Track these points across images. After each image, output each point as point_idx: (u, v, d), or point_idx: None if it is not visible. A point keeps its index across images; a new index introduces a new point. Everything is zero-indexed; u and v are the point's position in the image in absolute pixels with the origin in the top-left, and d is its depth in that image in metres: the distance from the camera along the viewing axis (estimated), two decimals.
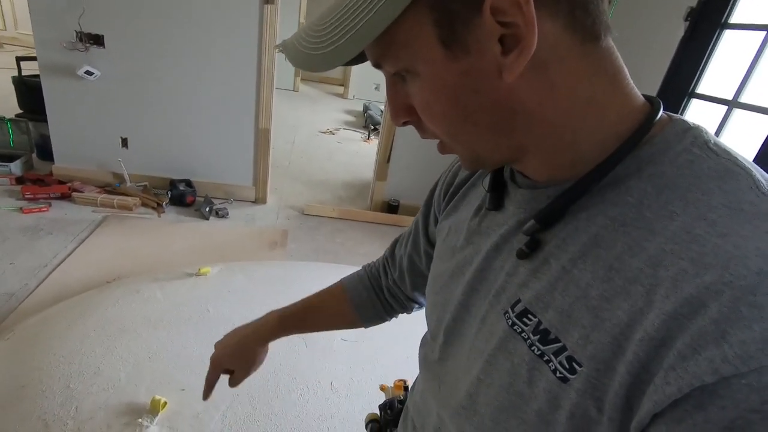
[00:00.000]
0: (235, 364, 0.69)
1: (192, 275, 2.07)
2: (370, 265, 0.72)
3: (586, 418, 0.31)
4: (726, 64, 2.00)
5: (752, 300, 0.25)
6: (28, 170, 2.94)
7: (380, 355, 1.81)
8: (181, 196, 2.87)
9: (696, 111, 2.11)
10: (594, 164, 0.33)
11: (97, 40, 2.59)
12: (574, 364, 0.31)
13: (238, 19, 2.62)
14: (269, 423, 1.44)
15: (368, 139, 5.36)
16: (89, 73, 2.61)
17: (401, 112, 0.38)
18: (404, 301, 0.69)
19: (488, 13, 0.29)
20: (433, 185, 0.58)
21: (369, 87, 7.44)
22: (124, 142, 2.89)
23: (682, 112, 2.14)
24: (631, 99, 0.34)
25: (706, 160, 0.31)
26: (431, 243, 0.60)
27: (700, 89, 2.07)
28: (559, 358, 0.32)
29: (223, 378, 0.72)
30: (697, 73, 2.06)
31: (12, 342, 1.62)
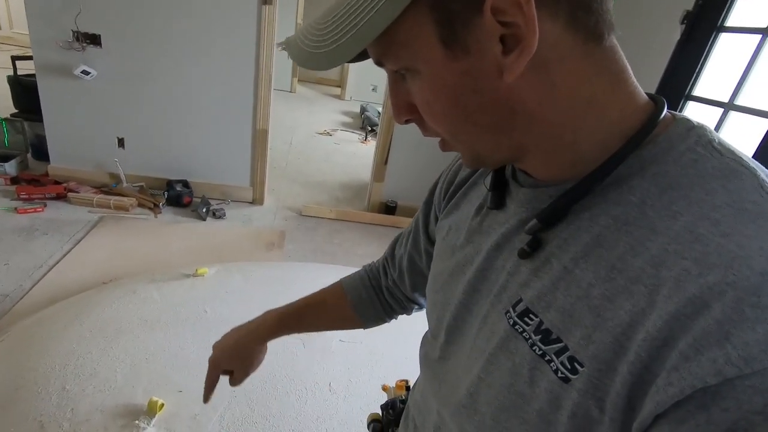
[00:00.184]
0: (233, 365, 0.69)
1: (189, 276, 2.06)
2: (371, 265, 0.72)
3: (588, 418, 0.30)
4: (722, 66, 2.02)
5: (756, 301, 0.24)
6: (23, 170, 2.92)
7: (378, 356, 1.81)
8: (178, 196, 2.85)
9: (692, 113, 2.12)
10: (596, 164, 0.33)
11: (94, 39, 2.58)
12: (576, 364, 0.31)
13: (237, 20, 2.62)
14: (267, 424, 1.43)
15: (365, 140, 5.36)
16: (86, 73, 2.59)
17: (403, 109, 0.38)
18: (404, 301, 0.68)
19: (489, 13, 0.29)
20: (434, 183, 0.57)
21: (366, 88, 7.45)
22: (121, 142, 2.88)
23: None
24: (635, 98, 0.34)
25: (710, 160, 0.31)
26: (431, 241, 0.59)
27: (696, 92, 2.08)
28: (561, 358, 0.32)
29: (223, 379, 0.71)
30: (694, 76, 2.08)
31: (7, 343, 1.60)
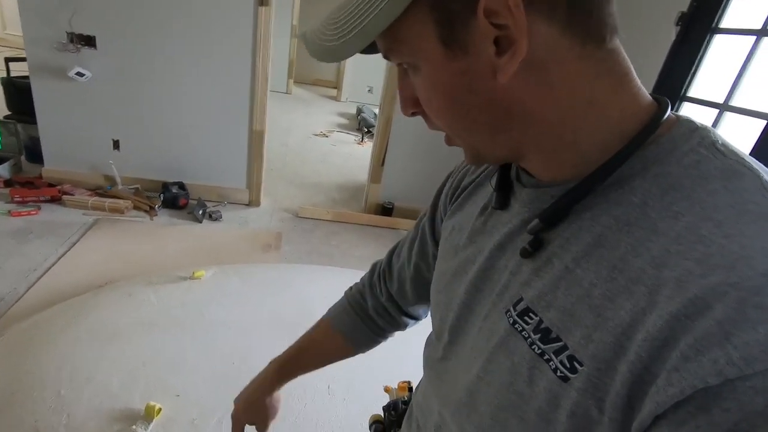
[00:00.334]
0: (251, 419, 0.72)
1: (186, 279, 2.04)
2: (352, 290, 0.72)
3: (587, 418, 0.30)
4: (717, 67, 2.03)
5: (758, 301, 0.24)
6: (17, 173, 2.90)
7: (377, 357, 1.79)
8: (174, 198, 2.84)
9: (688, 114, 2.14)
10: (597, 164, 0.33)
11: (89, 41, 2.56)
12: (575, 364, 0.31)
13: (233, 21, 2.61)
14: None
15: (362, 141, 5.36)
16: (80, 75, 2.57)
17: (409, 103, 0.39)
18: (397, 318, 0.68)
19: (482, 15, 0.29)
20: (440, 186, 0.57)
21: (362, 89, 7.45)
22: (116, 144, 2.86)
23: None
24: (638, 99, 0.34)
25: (712, 161, 0.31)
26: (437, 244, 0.59)
27: (691, 93, 2.10)
28: (560, 357, 0.32)
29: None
30: (689, 77, 2.09)
31: (2, 347, 1.58)
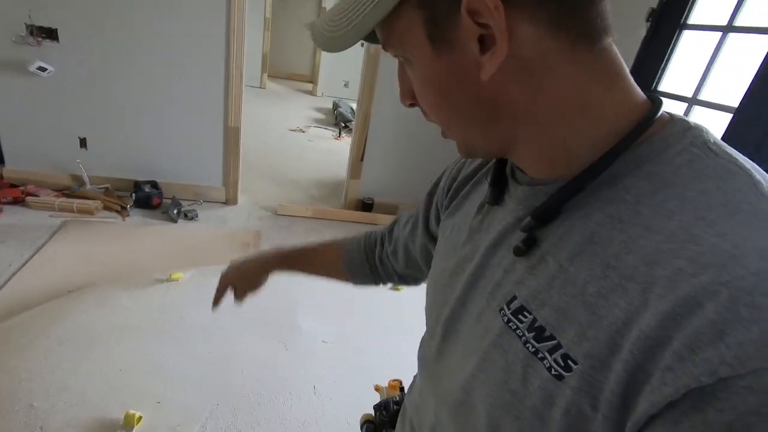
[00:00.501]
0: (237, 282, 0.79)
1: (163, 281, 1.98)
2: (371, 233, 0.76)
3: (581, 416, 0.30)
4: (686, 62, 2.10)
5: (750, 300, 0.24)
6: None
7: (363, 355, 1.79)
8: (147, 198, 2.74)
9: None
10: (589, 162, 0.33)
11: (50, 33, 2.43)
12: (570, 362, 0.31)
13: (205, 11, 2.52)
14: None
15: (339, 136, 5.31)
16: (42, 69, 2.44)
17: (407, 95, 0.41)
18: (393, 275, 0.73)
19: (465, 13, 0.30)
20: (438, 177, 0.59)
21: (338, 84, 7.37)
22: (83, 142, 2.74)
23: None
24: (630, 98, 0.34)
25: (704, 160, 0.31)
26: (429, 235, 0.61)
27: (662, 87, 2.16)
28: (554, 356, 0.32)
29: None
30: (659, 72, 2.15)
31: None
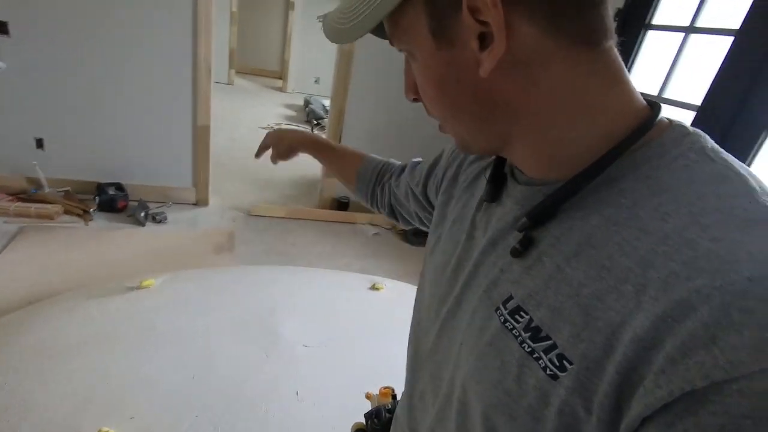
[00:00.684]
0: (275, 143, 0.88)
1: (133, 288, 1.89)
2: (390, 163, 0.81)
3: (575, 417, 0.31)
4: (650, 62, 2.17)
5: (742, 305, 0.25)
6: None
7: (345, 358, 1.77)
8: (111, 201, 2.62)
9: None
10: (586, 164, 0.34)
11: (1, 27, 2.27)
12: (565, 362, 0.31)
13: (170, 4, 2.41)
14: None
15: None
16: None
17: (411, 89, 0.42)
18: (386, 205, 0.79)
19: (466, 10, 0.31)
20: (437, 157, 0.63)
21: (309, 80, 7.28)
22: (39, 143, 2.58)
23: None
24: (629, 102, 0.35)
25: (701, 165, 0.32)
26: (425, 197, 0.65)
27: None
28: (549, 356, 0.32)
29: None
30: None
31: None
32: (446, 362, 0.44)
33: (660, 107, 0.35)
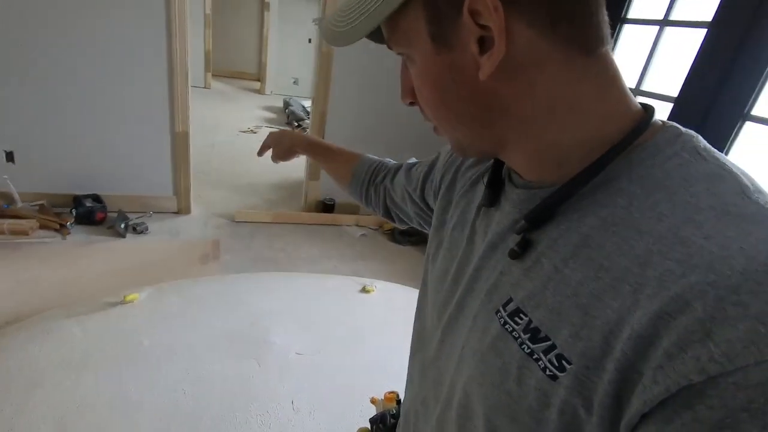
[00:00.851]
0: (276, 144, 0.88)
1: (116, 304, 1.84)
2: (384, 163, 0.81)
3: (575, 416, 0.31)
4: (627, 55, 2.21)
5: (736, 299, 0.25)
6: None
7: (339, 365, 1.76)
8: (89, 213, 2.54)
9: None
10: (581, 167, 0.34)
11: None
12: (564, 362, 0.31)
13: (141, 5, 2.34)
14: None
15: None
16: None
17: (408, 93, 0.42)
18: (380, 204, 0.78)
19: (467, 14, 0.32)
20: (434, 158, 0.62)
21: (287, 82, 7.20)
22: (9, 156, 2.48)
23: None
24: (624, 105, 0.35)
25: (694, 164, 0.32)
26: (423, 201, 0.65)
27: None
28: (549, 356, 0.32)
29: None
30: None
31: None
32: (448, 367, 0.44)
33: (654, 110, 0.36)
